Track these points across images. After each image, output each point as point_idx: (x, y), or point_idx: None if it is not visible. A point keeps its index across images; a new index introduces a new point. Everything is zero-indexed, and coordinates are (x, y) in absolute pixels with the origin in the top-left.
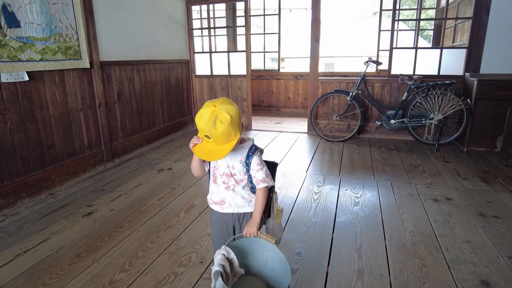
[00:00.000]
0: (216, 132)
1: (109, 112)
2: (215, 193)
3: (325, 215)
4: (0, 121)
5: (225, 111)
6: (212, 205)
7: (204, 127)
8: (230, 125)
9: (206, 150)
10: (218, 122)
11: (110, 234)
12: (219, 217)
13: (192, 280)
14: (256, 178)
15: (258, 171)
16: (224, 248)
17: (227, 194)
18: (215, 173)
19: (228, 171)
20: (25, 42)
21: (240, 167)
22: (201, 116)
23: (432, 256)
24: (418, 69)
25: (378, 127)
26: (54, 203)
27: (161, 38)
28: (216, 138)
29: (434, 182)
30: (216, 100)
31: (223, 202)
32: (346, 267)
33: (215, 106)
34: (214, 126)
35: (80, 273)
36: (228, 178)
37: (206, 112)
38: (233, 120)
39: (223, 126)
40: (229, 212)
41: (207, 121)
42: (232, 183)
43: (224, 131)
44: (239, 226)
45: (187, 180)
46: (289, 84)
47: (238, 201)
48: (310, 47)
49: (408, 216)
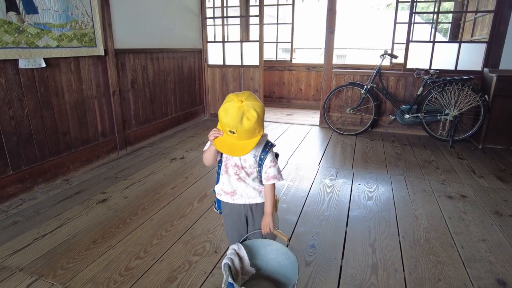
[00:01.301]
0: (242, 129)
1: (122, 100)
2: (226, 183)
3: (338, 208)
4: (18, 107)
5: (252, 108)
6: (222, 196)
7: (230, 123)
8: (256, 122)
9: (228, 144)
10: (245, 119)
11: (124, 221)
12: (231, 209)
13: (206, 269)
14: (268, 174)
15: (270, 167)
16: (237, 244)
17: (238, 185)
18: (227, 164)
19: (240, 163)
20: (42, 29)
21: (252, 161)
22: (226, 111)
23: (447, 253)
24: (434, 63)
25: (392, 122)
26: (69, 189)
27: (175, 26)
28: (240, 134)
29: (448, 178)
30: (241, 94)
31: (235, 193)
32: (360, 261)
33: (242, 101)
34: (240, 123)
35: (97, 259)
36: (239, 170)
37: (232, 107)
38: (259, 117)
39: (249, 123)
40: (241, 203)
41: (234, 117)
42: (243, 175)
43: (250, 128)
44: (251, 216)
45: (200, 170)
46: (301, 76)
47: (249, 192)
48: (325, 38)
49: (422, 212)
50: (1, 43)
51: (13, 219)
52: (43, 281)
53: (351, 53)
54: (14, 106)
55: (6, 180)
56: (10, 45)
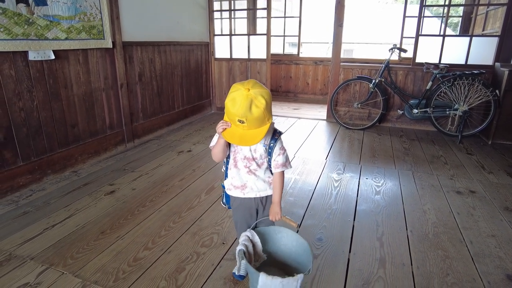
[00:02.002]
0: (251, 117)
1: (130, 93)
2: (236, 177)
3: (345, 202)
4: (28, 98)
5: (260, 95)
6: (232, 190)
7: (239, 112)
8: (265, 109)
9: (238, 135)
10: (254, 106)
11: (132, 212)
12: (241, 202)
13: (214, 261)
14: (277, 162)
15: (279, 155)
16: (249, 230)
17: (248, 179)
18: (236, 157)
19: (250, 155)
20: (52, 21)
21: (262, 150)
22: (234, 101)
23: (456, 248)
24: (444, 57)
25: (400, 116)
26: (78, 180)
27: (182, 19)
28: (250, 123)
29: (457, 174)
30: (247, 82)
31: (245, 187)
32: (368, 255)
33: (249, 89)
34: (250, 111)
35: (105, 249)
36: (250, 162)
37: (240, 96)
38: (267, 104)
39: (259, 111)
40: (251, 196)
41: (242, 106)
42: (254, 167)
43: (260, 116)
44: (262, 208)
45: (207, 163)
46: (308, 70)
47: (259, 185)
48: (333, 31)
49: (430, 207)
50: (11, 35)
51: (23, 209)
52: (53, 270)
53: (358, 47)
54: (24, 98)
55: (16, 171)
56: (20, 37)
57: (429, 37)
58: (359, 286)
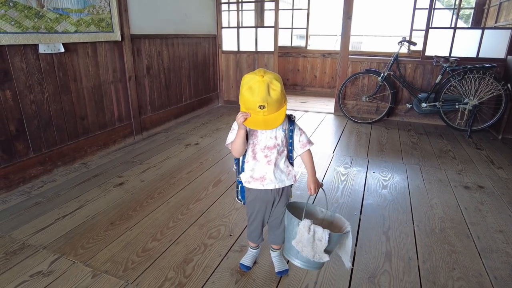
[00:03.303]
0: (271, 100)
1: (138, 85)
2: (256, 169)
3: (352, 196)
4: (38, 91)
5: (274, 79)
6: (251, 182)
7: (259, 97)
8: (281, 92)
9: (259, 121)
10: (272, 90)
11: (141, 204)
12: (258, 195)
13: (221, 252)
14: (302, 141)
15: (301, 134)
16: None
17: (267, 169)
18: (254, 149)
19: (271, 143)
20: (61, 14)
21: (282, 135)
22: (251, 89)
23: (463, 243)
24: (454, 51)
25: (408, 110)
26: (87, 172)
27: (190, 12)
28: (271, 106)
29: (466, 169)
30: (258, 71)
31: (264, 178)
32: (374, 249)
33: (262, 76)
34: (269, 95)
35: (115, 240)
36: (270, 151)
37: (256, 82)
38: (282, 86)
39: (276, 93)
40: (270, 188)
41: (261, 91)
42: (274, 156)
43: (278, 98)
44: (278, 200)
45: (214, 156)
46: (316, 62)
47: (278, 176)
48: (342, 24)
49: (438, 202)
50: (22, 28)
51: (35, 200)
52: (65, 259)
53: (367, 40)
54: (35, 91)
55: (28, 163)
56: (30, 30)
57: (439, 29)
58: (364, 280)
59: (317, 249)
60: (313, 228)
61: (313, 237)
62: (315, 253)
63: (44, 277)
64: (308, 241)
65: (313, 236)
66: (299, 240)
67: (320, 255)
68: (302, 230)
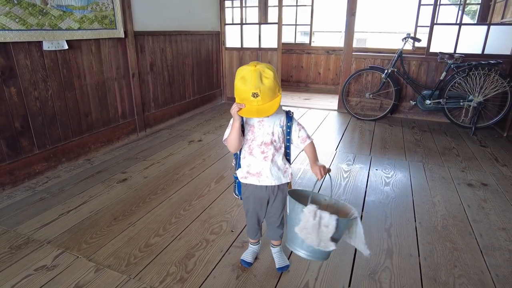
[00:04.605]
0: (264, 88)
1: (142, 82)
2: (252, 164)
3: (354, 193)
4: (43, 88)
5: (266, 68)
6: (248, 178)
7: (252, 85)
8: (274, 80)
9: (253, 111)
10: (264, 78)
11: (144, 200)
12: (253, 191)
13: (223, 248)
14: (301, 136)
15: (300, 130)
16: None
17: (264, 165)
18: (251, 145)
19: (268, 139)
20: (65, 11)
21: (280, 131)
22: (244, 78)
23: (465, 240)
24: (459, 47)
25: (412, 107)
26: (91, 168)
27: (193, 8)
28: (264, 94)
29: (469, 166)
30: (251, 63)
31: (260, 174)
32: (375, 246)
33: (255, 66)
34: (261, 82)
35: (118, 235)
36: (267, 147)
37: (248, 72)
38: (275, 74)
39: (269, 81)
40: (266, 184)
41: (254, 79)
42: (271, 152)
43: (271, 86)
44: (273, 199)
45: (217, 153)
46: (320, 59)
47: (274, 172)
48: (346, 21)
49: (440, 199)
50: (26, 25)
51: (40, 195)
52: (69, 254)
53: (372, 37)
54: (39, 87)
55: (33, 159)
56: (35, 27)
57: (444, 26)
58: (365, 276)
59: (323, 236)
60: (319, 213)
61: (319, 223)
62: (321, 241)
63: (48, 271)
64: (314, 228)
65: (319, 222)
66: (303, 226)
67: (326, 243)
68: (307, 215)
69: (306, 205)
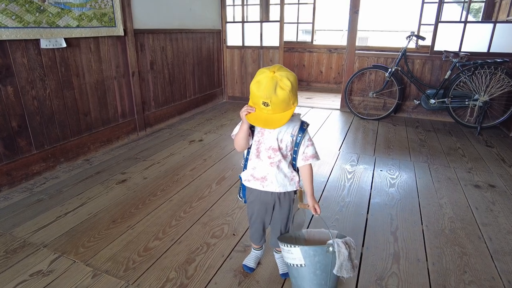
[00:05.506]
0: (276, 99)
1: (142, 81)
2: (258, 168)
3: (359, 195)
4: (41, 87)
5: (285, 77)
6: (251, 181)
7: (264, 94)
8: (290, 92)
9: (262, 119)
10: (279, 88)
11: (143, 202)
12: (258, 196)
13: (224, 252)
14: (306, 153)
15: (308, 146)
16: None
17: (270, 171)
18: (259, 148)
19: (276, 145)
20: (63, 8)
21: (289, 141)
22: (259, 83)
23: (474, 245)
24: (464, 45)
25: (416, 107)
26: (90, 169)
27: (195, 6)
28: (275, 105)
29: (476, 167)
30: (272, 66)
31: (265, 179)
32: (381, 250)
33: (274, 72)
34: (274, 93)
35: (116, 238)
36: (274, 153)
37: (265, 77)
38: (293, 86)
39: (284, 93)
40: (271, 190)
41: (267, 87)
42: (278, 159)
43: (285, 98)
44: (279, 204)
45: (218, 153)
46: (322, 58)
47: (280, 179)
48: (349, 18)
49: (447, 201)
50: (23, 23)
51: (37, 196)
52: (65, 258)
53: (374, 35)
54: (37, 86)
55: (30, 159)
56: (32, 24)
57: (449, 24)
58: (372, 282)
59: (353, 256)
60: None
61: (349, 249)
62: (353, 262)
63: (44, 277)
64: (348, 257)
65: (349, 249)
66: (340, 264)
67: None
68: (341, 250)
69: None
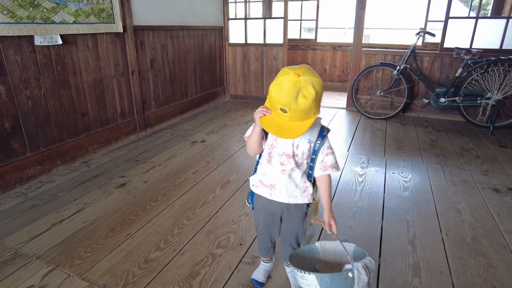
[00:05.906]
0: (296, 108)
1: (142, 80)
2: (268, 174)
3: (372, 200)
4: (35, 86)
5: (310, 84)
6: (259, 187)
7: (283, 100)
8: (313, 101)
9: (277, 124)
10: (301, 96)
11: (144, 207)
12: (265, 205)
13: (231, 264)
14: (325, 163)
15: (328, 154)
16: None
17: (280, 179)
18: (271, 152)
19: (291, 151)
20: (58, 3)
21: (306, 147)
22: (280, 85)
23: (499, 255)
24: (475, 42)
25: (425, 106)
26: (88, 171)
27: (196, 2)
28: (294, 113)
29: (492, 169)
30: (298, 68)
31: (274, 187)
32: (400, 261)
33: (299, 75)
34: (295, 101)
35: (115, 249)
36: (288, 159)
37: (287, 81)
38: (317, 96)
39: (306, 102)
40: (279, 200)
41: (288, 93)
42: (291, 166)
43: (306, 108)
44: (287, 216)
45: (221, 154)
46: (325, 55)
47: (291, 189)
48: (355, 14)
49: (465, 206)
50: (16, 18)
51: (32, 202)
52: (59, 271)
53: (376, 33)
54: (31, 86)
55: (25, 162)
56: (25, 20)
57: (459, 19)
58: None
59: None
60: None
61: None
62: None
63: None
64: (367, 283)
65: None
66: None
67: None
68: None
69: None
